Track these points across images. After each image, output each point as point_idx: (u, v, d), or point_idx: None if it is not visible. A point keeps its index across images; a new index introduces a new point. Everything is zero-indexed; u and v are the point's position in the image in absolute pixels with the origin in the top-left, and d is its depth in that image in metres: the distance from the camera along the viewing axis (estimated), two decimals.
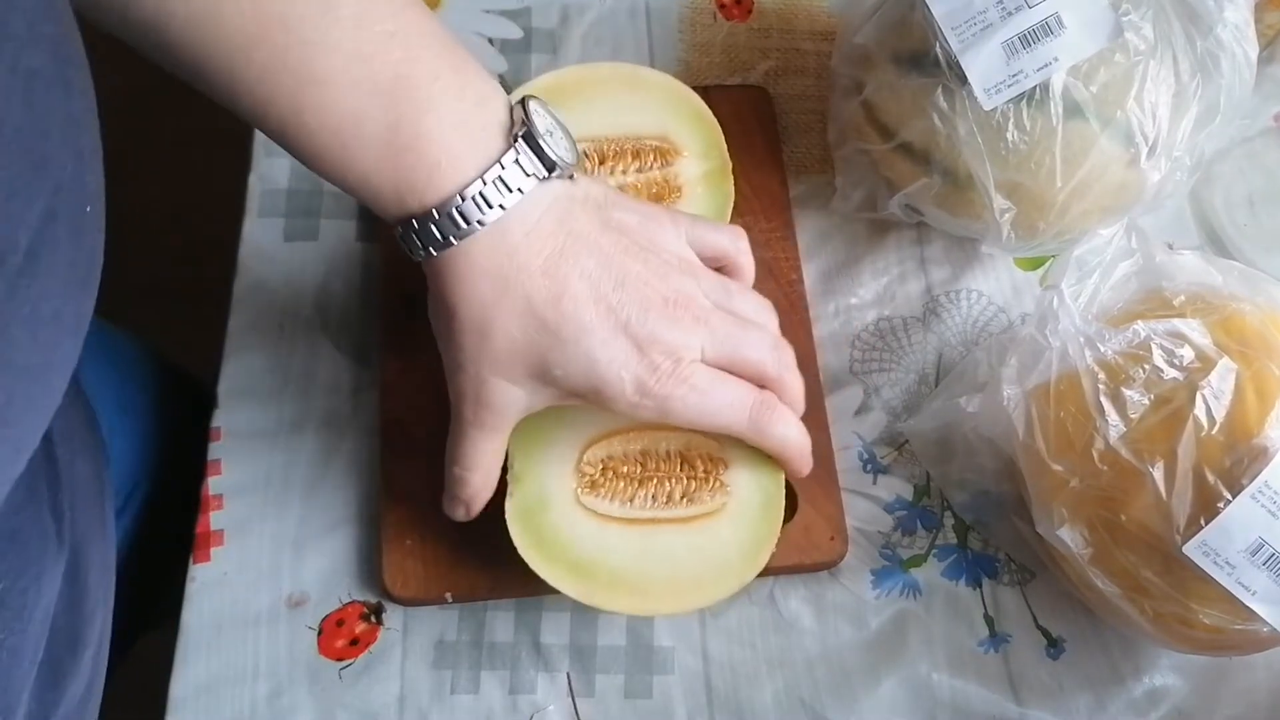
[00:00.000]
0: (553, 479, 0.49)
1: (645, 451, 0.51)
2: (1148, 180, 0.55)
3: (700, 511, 0.50)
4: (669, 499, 0.50)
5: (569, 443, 0.50)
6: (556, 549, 0.48)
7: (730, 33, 0.71)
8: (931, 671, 0.54)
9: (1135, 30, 0.52)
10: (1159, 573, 0.47)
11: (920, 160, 0.56)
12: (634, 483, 0.50)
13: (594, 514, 0.49)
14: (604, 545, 0.49)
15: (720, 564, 0.49)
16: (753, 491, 0.50)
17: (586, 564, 0.48)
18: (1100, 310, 0.51)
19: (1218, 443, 0.45)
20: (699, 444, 0.51)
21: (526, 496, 0.49)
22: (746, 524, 0.50)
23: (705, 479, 0.50)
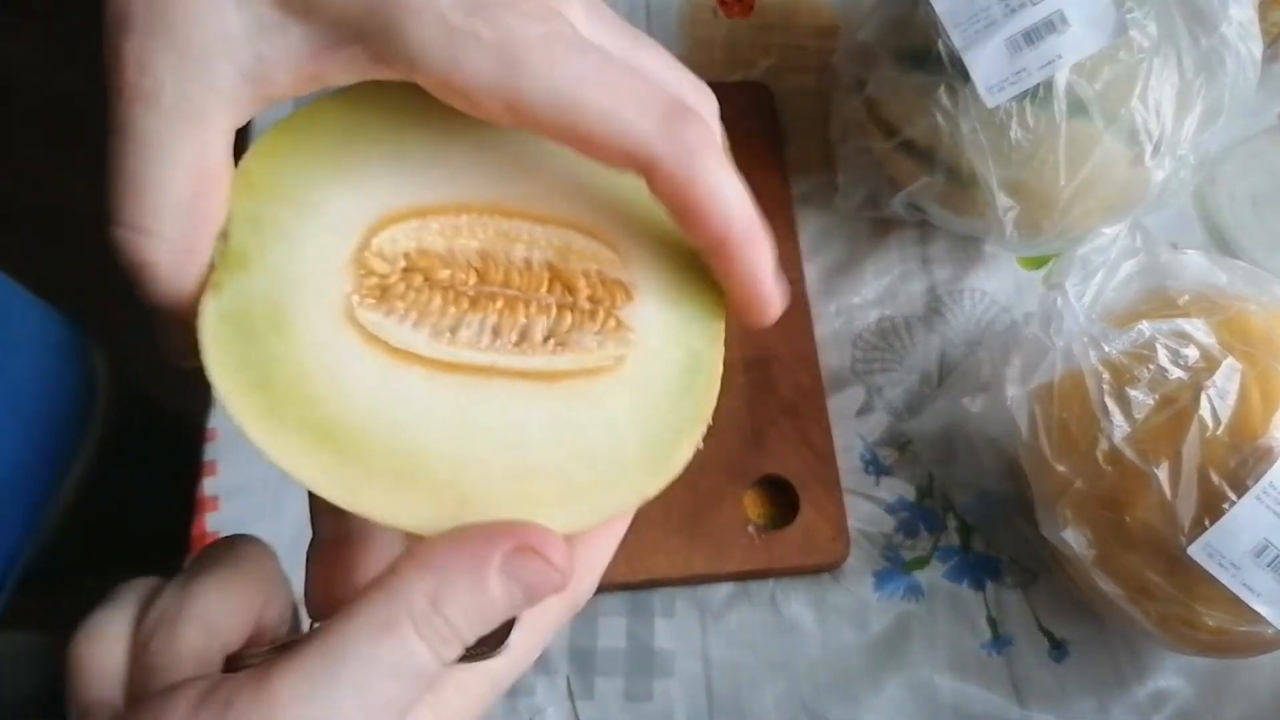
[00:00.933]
0: (305, 269, 0.27)
1: (487, 253, 0.29)
2: (1152, 179, 0.54)
3: (577, 366, 0.29)
4: (523, 338, 0.29)
5: (347, 207, 0.27)
6: (293, 396, 0.26)
7: (731, 29, 0.70)
8: (934, 674, 0.54)
9: (1139, 28, 0.52)
10: (1163, 574, 0.46)
11: (923, 158, 0.56)
12: (461, 300, 0.28)
13: (377, 343, 0.27)
14: (390, 400, 0.27)
15: (606, 457, 0.29)
16: (670, 343, 0.30)
17: (351, 431, 0.26)
18: (1104, 310, 0.51)
19: (1222, 443, 0.45)
20: (585, 250, 0.29)
21: (248, 293, 0.26)
22: (658, 395, 0.30)
23: (591, 313, 0.29)
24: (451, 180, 0.28)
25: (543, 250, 0.29)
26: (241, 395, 0.26)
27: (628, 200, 0.29)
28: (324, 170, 0.27)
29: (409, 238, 0.28)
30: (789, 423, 0.58)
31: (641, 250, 0.30)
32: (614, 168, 0.27)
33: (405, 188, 0.28)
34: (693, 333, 0.31)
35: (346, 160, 0.27)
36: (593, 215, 0.29)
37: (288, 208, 0.27)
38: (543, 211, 0.29)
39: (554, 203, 0.29)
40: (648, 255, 0.30)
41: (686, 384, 0.30)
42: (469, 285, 0.28)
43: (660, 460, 0.30)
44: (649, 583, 0.55)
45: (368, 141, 0.27)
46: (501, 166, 0.28)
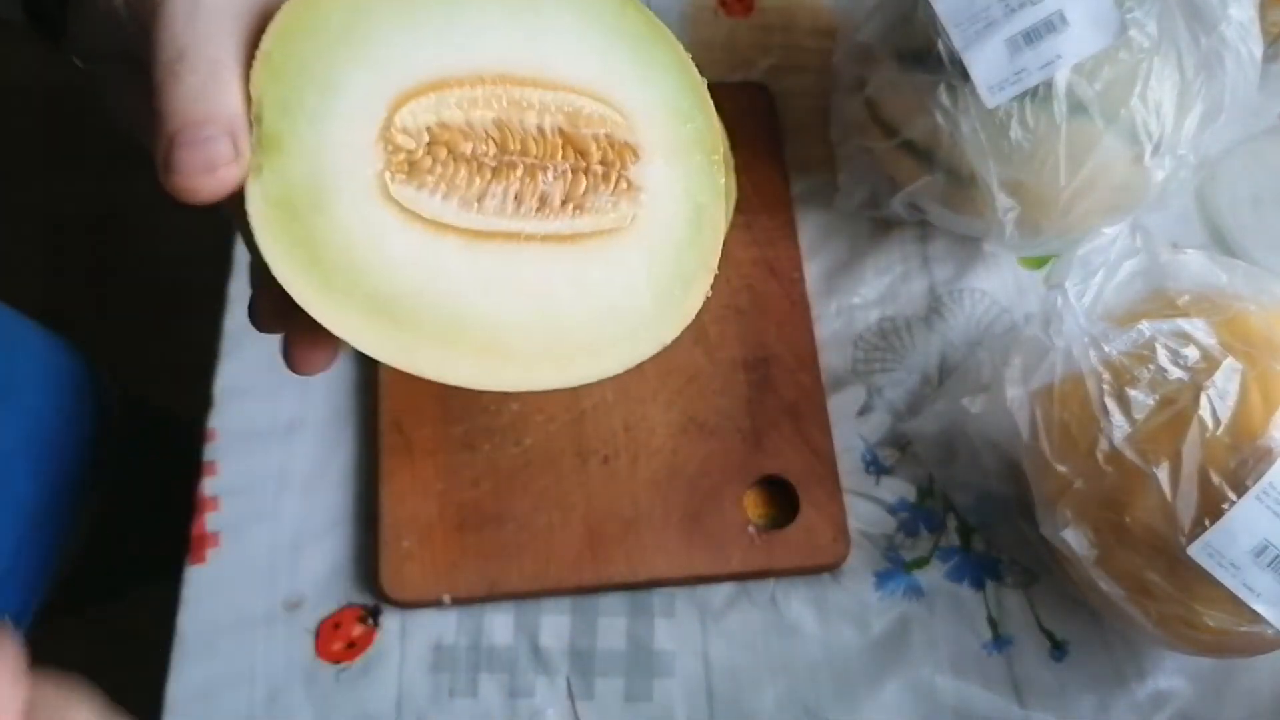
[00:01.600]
0: (338, 149, 0.28)
1: (503, 122, 0.31)
2: (1152, 179, 0.54)
3: (594, 227, 0.32)
4: (543, 203, 0.31)
5: (368, 84, 0.29)
6: (344, 272, 0.28)
7: (731, 29, 0.70)
8: (935, 674, 0.54)
9: (1139, 27, 0.52)
10: (1163, 574, 0.46)
11: (923, 158, 0.56)
12: (484, 171, 0.31)
13: (412, 216, 0.29)
14: (431, 270, 0.29)
15: (627, 310, 0.32)
16: (678, 199, 0.33)
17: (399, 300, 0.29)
18: (1104, 310, 0.51)
19: (1223, 444, 0.45)
20: (593, 115, 0.32)
21: (288, 176, 0.28)
22: (669, 248, 0.32)
23: (604, 175, 0.32)
24: (464, 50, 0.29)
25: (554, 116, 0.31)
26: (298, 275, 0.28)
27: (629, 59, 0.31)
28: (341, 48, 0.28)
29: (429, 112, 0.29)
30: (789, 423, 0.58)
31: (646, 108, 0.32)
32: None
33: (421, 61, 0.29)
34: (697, 186, 0.33)
35: (362, 35, 0.28)
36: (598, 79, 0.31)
37: (312, 89, 0.28)
38: (552, 78, 0.31)
39: (562, 68, 0.31)
40: (652, 113, 0.32)
41: (693, 236, 0.32)
42: (490, 156, 0.30)
43: (674, 309, 0.32)
44: (649, 583, 0.55)
45: (379, 13, 0.28)
46: (510, 34, 0.30)
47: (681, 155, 0.32)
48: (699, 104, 0.32)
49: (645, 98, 0.32)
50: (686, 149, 0.32)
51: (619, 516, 0.55)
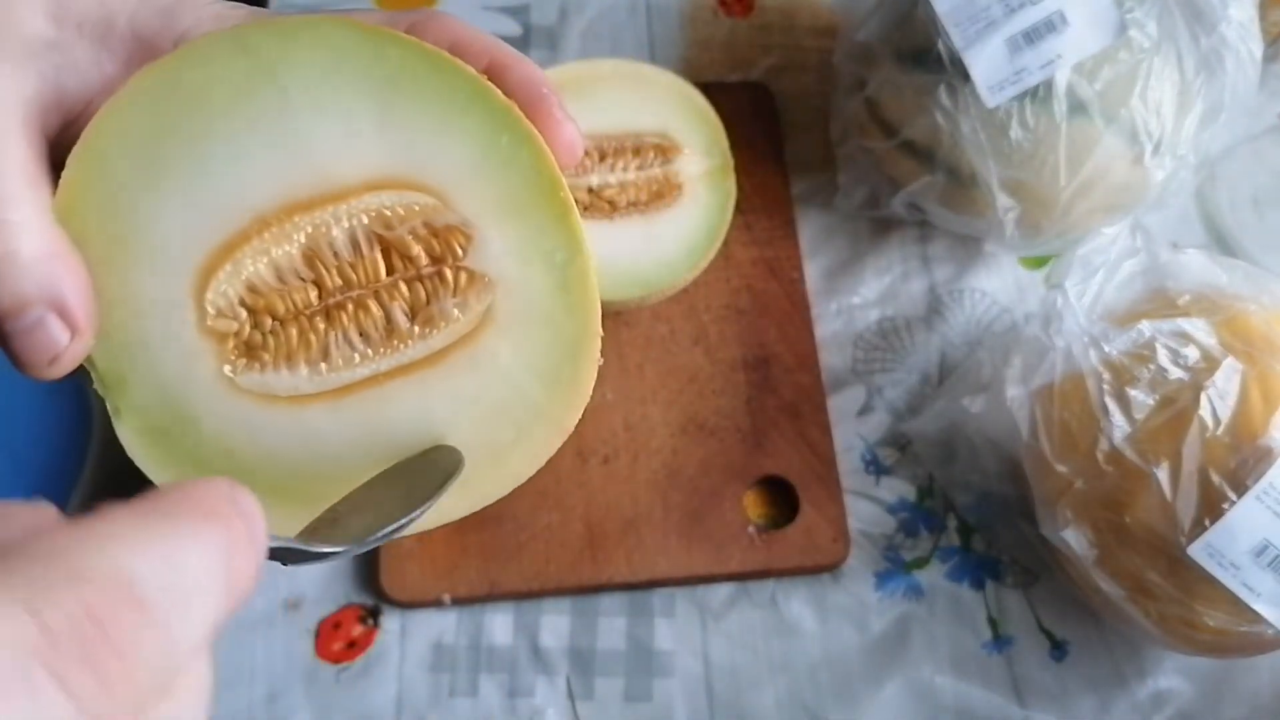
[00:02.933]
0: (170, 362, 0.27)
1: (311, 255, 0.27)
2: (1152, 178, 0.54)
3: (453, 336, 0.28)
4: (391, 332, 0.28)
5: (166, 286, 0.26)
6: (242, 473, 0.27)
7: (731, 29, 0.70)
8: (935, 674, 0.54)
9: (1139, 27, 0.52)
10: (1164, 574, 0.46)
11: (923, 158, 0.56)
12: (316, 322, 0.28)
13: (271, 399, 0.27)
14: (308, 444, 0.27)
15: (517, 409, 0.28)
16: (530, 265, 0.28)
17: (292, 483, 0.28)
18: (1105, 310, 0.51)
19: (1223, 443, 0.45)
20: (400, 207, 0.27)
21: (143, 408, 0.27)
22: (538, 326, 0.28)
23: (438, 274, 0.28)
24: (231, 200, 0.26)
25: (360, 227, 0.27)
26: None
27: (414, 115, 0.27)
28: (119, 254, 0.26)
29: (233, 283, 0.27)
30: (789, 423, 0.58)
31: (456, 170, 0.27)
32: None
33: (197, 232, 0.26)
34: (547, 243, 0.27)
35: (129, 232, 0.26)
36: (387, 161, 0.27)
37: (119, 311, 0.26)
38: (337, 186, 0.27)
39: (342, 168, 0.27)
40: (465, 173, 0.27)
41: (561, 302, 0.28)
42: (314, 304, 0.27)
43: (568, 391, 0.28)
44: (649, 583, 0.55)
45: (134, 200, 0.26)
46: (269, 156, 0.26)
47: (516, 213, 0.27)
48: (518, 138, 0.26)
49: (452, 157, 0.26)
50: (519, 204, 0.27)
51: (619, 516, 0.55)
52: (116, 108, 0.25)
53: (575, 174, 0.57)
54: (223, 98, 0.25)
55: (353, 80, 0.26)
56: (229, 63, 0.25)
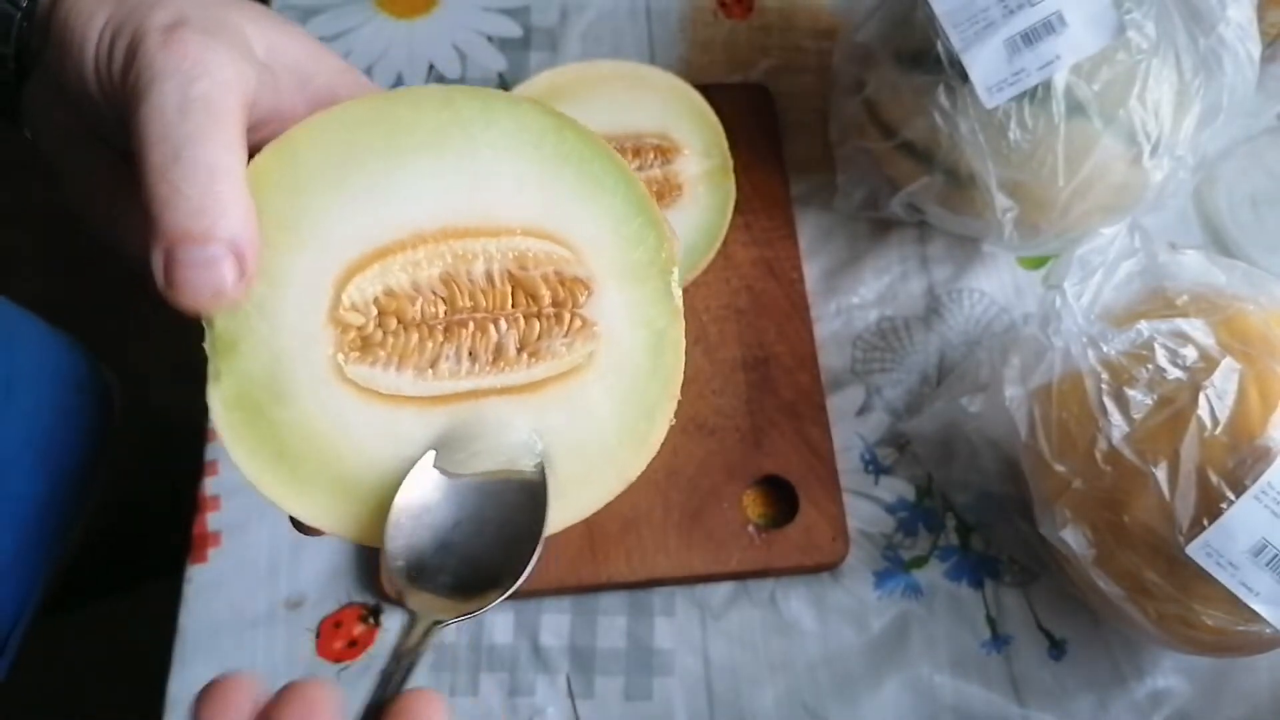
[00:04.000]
0: (290, 339, 0.29)
1: (450, 277, 0.30)
2: (1150, 179, 0.54)
3: (552, 371, 0.31)
4: (499, 354, 0.31)
5: (312, 267, 0.29)
6: (309, 462, 0.29)
7: (731, 31, 0.70)
8: (934, 673, 0.54)
9: (1138, 28, 0.52)
10: (1162, 574, 0.46)
11: (922, 159, 0.56)
12: (435, 334, 0.30)
13: (370, 393, 0.30)
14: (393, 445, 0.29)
15: (591, 449, 0.31)
16: (634, 326, 0.31)
17: (365, 480, 0.29)
18: (1103, 310, 0.51)
19: (1221, 443, 0.45)
20: (540, 254, 0.31)
21: (246, 375, 0.28)
22: (629, 380, 0.31)
23: (557, 316, 0.31)
24: (402, 214, 0.29)
25: (501, 262, 0.30)
26: (265, 471, 0.29)
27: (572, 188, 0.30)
28: (282, 235, 0.28)
29: (374, 283, 0.29)
30: (789, 423, 0.58)
31: (594, 237, 0.31)
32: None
33: (361, 233, 0.29)
34: (653, 312, 0.31)
35: (300, 218, 0.28)
36: (541, 216, 0.30)
37: (260, 280, 0.28)
38: (494, 224, 0.30)
39: (503, 212, 0.30)
40: (601, 241, 0.31)
41: (654, 364, 0.31)
42: (439, 316, 0.30)
43: (639, 441, 0.31)
44: (649, 582, 0.55)
45: (316, 191, 0.28)
46: (446, 187, 0.29)
47: (635, 281, 0.31)
48: (649, 223, 0.31)
49: (592, 226, 0.31)
50: (639, 274, 0.31)
51: (619, 516, 0.55)
52: (322, 119, 0.28)
53: None
54: (422, 134, 0.29)
55: (532, 147, 0.30)
56: (436, 111, 0.29)
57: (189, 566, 0.55)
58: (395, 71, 0.67)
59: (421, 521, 0.30)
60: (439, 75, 0.68)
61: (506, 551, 0.30)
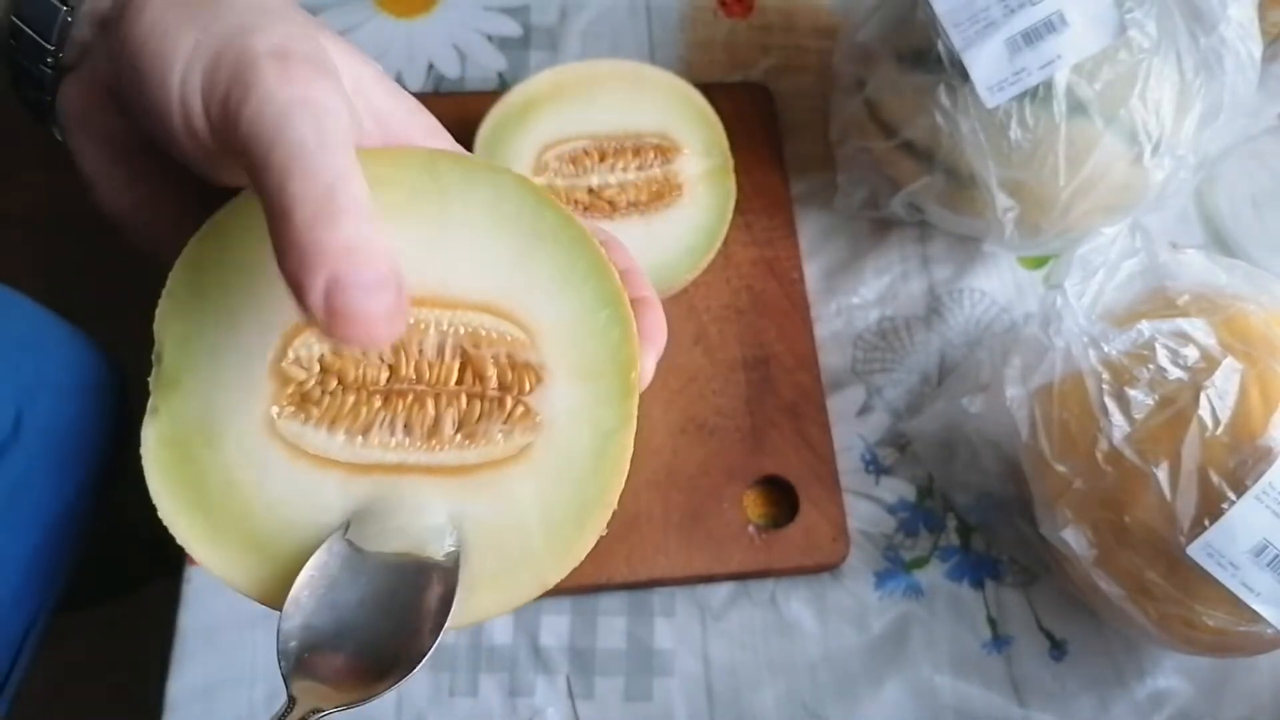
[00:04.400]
0: (231, 386, 0.28)
1: (399, 344, 0.30)
2: (1151, 179, 0.54)
3: (484, 458, 0.30)
4: (433, 432, 0.30)
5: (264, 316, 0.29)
6: (227, 511, 0.28)
7: (731, 30, 0.70)
8: (934, 674, 0.54)
9: (1139, 28, 0.52)
10: (1163, 574, 0.46)
11: (923, 158, 0.56)
12: (375, 399, 0.30)
13: (298, 453, 0.29)
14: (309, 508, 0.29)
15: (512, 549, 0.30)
16: (580, 424, 0.30)
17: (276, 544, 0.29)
18: (1104, 310, 0.51)
19: (1222, 443, 0.45)
20: (493, 334, 0.30)
21: (182, 415, 0.28)
22: (564, 483, 0.30)
23: (500, 401, 0.30)
24: None
25: (454, 337, 0.29)
26: (182, 515, 0.28)
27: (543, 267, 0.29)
28: (240, 279, 0.28)
29: (321, 340, 0.29)
30: (789, 423, 0.58)
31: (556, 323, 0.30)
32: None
33: None
34: (604, 412, 0.30)
35: (261, 267, 0.28)
36: (503, 293, 0.29)
37: (212, 323, 0.28)
38: (452, 296, 0.29)
39: (463, 284, 0.29)
40: (562, 329, 0.30)
41: (593, 467, 0.30)
42: (380, 384, 0.29)
43: (564, 549, 0.30)
44: (649, 583, 0.55)
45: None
46: (412, 248, 0.29)
47: (590, 376, 0.30)
48: (617, 318, 0.29)
49: (557, 312, 0.29)
50: (596, 369, 0.30)
51: (619, 516, 0.55)
52: None
53: (575, 174, 0.57)
54: (397, 194, 0.28)
55: (509, 220, 0.29)
56: (415, 175, 0.28)
57: (188, 567, 0.55)
58: (395, 70, 0.67)
59: (324, 598, 0.29)
60: (439, 74, 0.68)
61: (406, 638, 0.28)
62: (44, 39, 0.30)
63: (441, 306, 0.29)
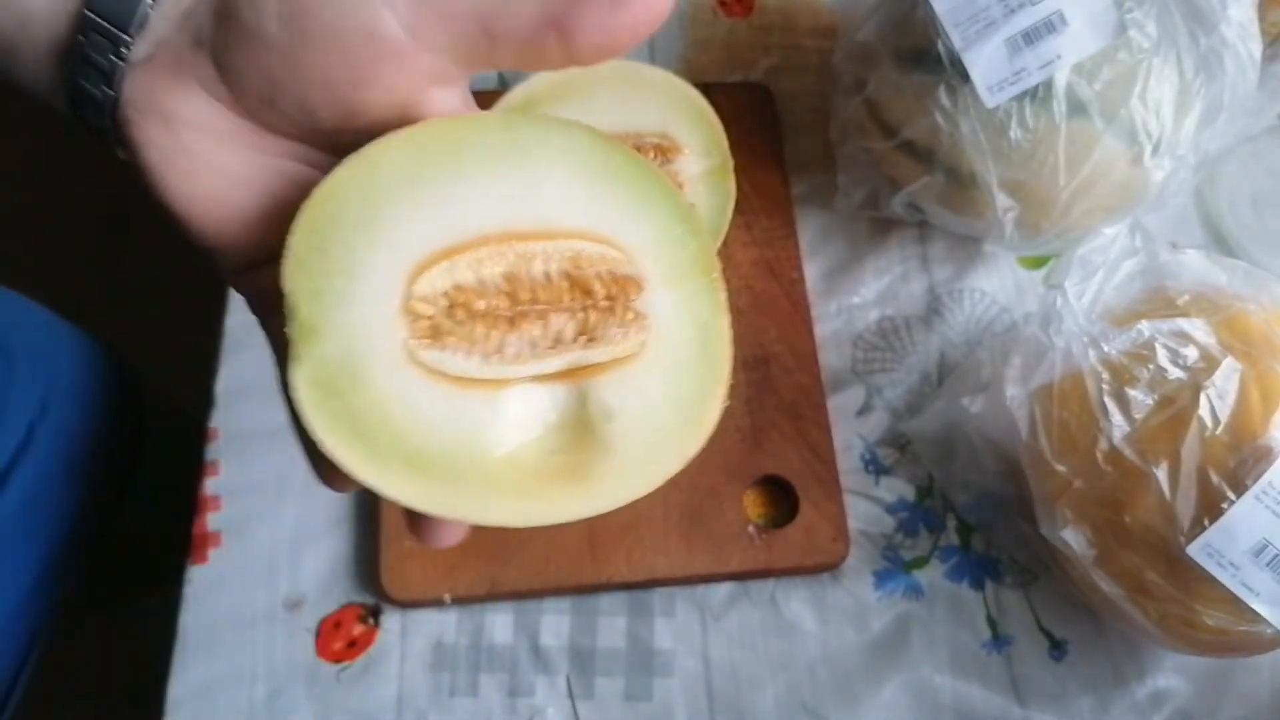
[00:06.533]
0: (366, 326, 0.31)
1: (512, 275, 0.33)
2: (1151, 179, 0.54)
3: (608, 356, 0.33)
4: (557, 342, 0.33)
5: (387, 263, 0.31)
6: (384, 438, 0.31)
7: (731, 30, 0.70)
8: (934, 674, 0.54)
9: (1139, 28, 0.52)
10: (1163, 574, 0.46)
11: (923, 158, 0.56)
12: (500, 323, 0.32)
13: (440, 376, 0.32)
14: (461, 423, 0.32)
15: (649, 433, 0.33)
16: (683, 321, 0.34)
17: (439, 457, 0.31)
18: (1104, 310, 0.51)
19: (1222, 443, 0.45)
20: (594, 255, 0.33)
21: (325, 358, 0.30)
22: (681, 367, 0.34)
23: (611, 309, 0.33)
24: (467, 219, 0.32)
25: (558, 262, 0.33)
26: (345, 446, 0.30)
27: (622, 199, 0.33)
28: (359, 234, 0.31)
29: (444, 277, 0.32)
30: (789, 423, 0.58)
31: (643, 242, 0.34)
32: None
33: (432, 234, 0.31)
34: (699, 306, 0.34)
35: (376, 220, 0.31)
36: (594, 222, 0.33)
37: (338, 275, 0.30)
38: (551, 228, 0.32)
39: (558, 218, 0.33)
40: (649, 245, 0.34)
41: (701, 352, 0.34)
42: (503, 309, 0.32)
43: (694, 423, 0.34)
44: (649, 583, 0.55)
45: (391, 198, 0.31)
46: (506, 196, 0.32)
47: (681, 280, 0.34)
48: (692, 230, 0.34)
49: (641, 232, 0.33)
50: (684, 274, 0.34)
51: (619, 516, 0.55)
52: (397, 137, 0.31)
53: None
54: (484, 151, 0.32)
55: (582, 164, 0.33)
56: (496, 133, 0.32)
57: (189, 567, 0.55)
58: None
59: None
60: None
61: None
62: (122, 30, 0.31)
63: (543, 238, 0.32)
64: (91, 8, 0.31)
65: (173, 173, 0.32)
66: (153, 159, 0.32)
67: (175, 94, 0.31)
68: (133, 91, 0.32)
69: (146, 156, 0.32)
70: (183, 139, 0.32)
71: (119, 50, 0.31)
